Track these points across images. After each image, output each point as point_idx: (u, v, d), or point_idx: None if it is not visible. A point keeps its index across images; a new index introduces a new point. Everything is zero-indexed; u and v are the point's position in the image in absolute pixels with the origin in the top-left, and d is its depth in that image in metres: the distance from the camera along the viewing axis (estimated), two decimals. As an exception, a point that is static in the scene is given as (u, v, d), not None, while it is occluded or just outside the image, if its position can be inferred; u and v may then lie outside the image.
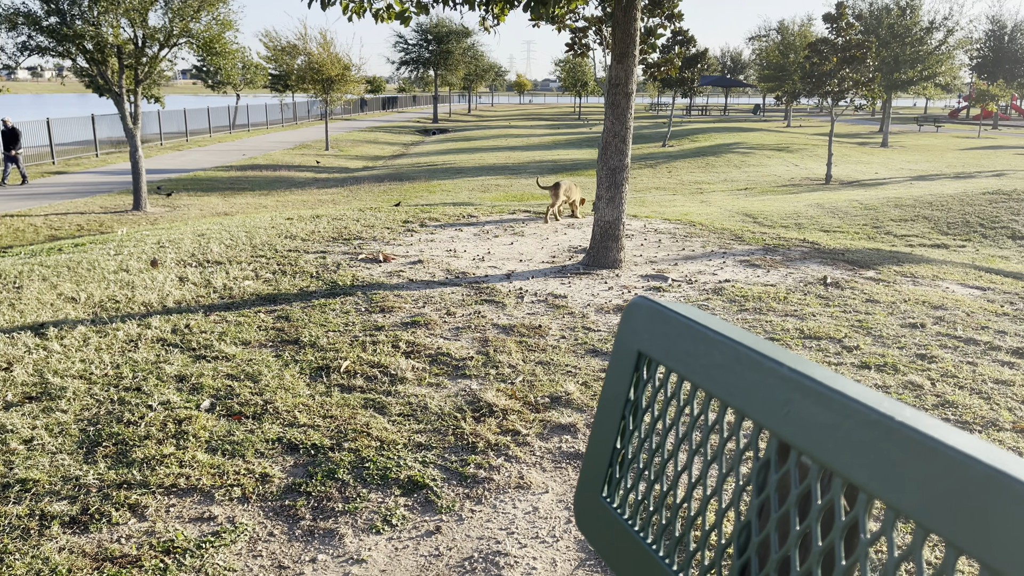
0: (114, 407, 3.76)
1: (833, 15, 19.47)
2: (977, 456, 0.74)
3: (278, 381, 4.13)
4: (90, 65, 14.73)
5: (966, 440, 0.77)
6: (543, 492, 3.14)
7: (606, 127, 6.74)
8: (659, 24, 11.16)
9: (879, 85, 28.37)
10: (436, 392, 4.06)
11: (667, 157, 25.90)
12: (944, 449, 0.76)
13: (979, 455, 0.74)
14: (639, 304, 1.29)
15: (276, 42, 29.88)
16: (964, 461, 0.74)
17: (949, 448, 0.76)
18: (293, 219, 9.31)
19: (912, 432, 0.80)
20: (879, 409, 0.84)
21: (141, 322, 5.08)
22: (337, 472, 3.20)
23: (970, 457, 0.74)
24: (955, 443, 0.76)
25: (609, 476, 1.29)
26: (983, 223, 12.21)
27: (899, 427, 0.81)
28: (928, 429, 0.79)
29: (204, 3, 15.03)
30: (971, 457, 0.74)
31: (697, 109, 63.39)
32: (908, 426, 0.81)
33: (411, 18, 6.46)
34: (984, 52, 42.84)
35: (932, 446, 0.77)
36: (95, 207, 15.97)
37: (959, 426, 3.76)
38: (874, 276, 6.88)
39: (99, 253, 7.25)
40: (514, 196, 16.22)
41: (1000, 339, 5.10)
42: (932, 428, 0.80)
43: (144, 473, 3.15)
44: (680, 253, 7.69)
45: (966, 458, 0.74)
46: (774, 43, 43.46)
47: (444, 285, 6.22)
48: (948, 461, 0.75)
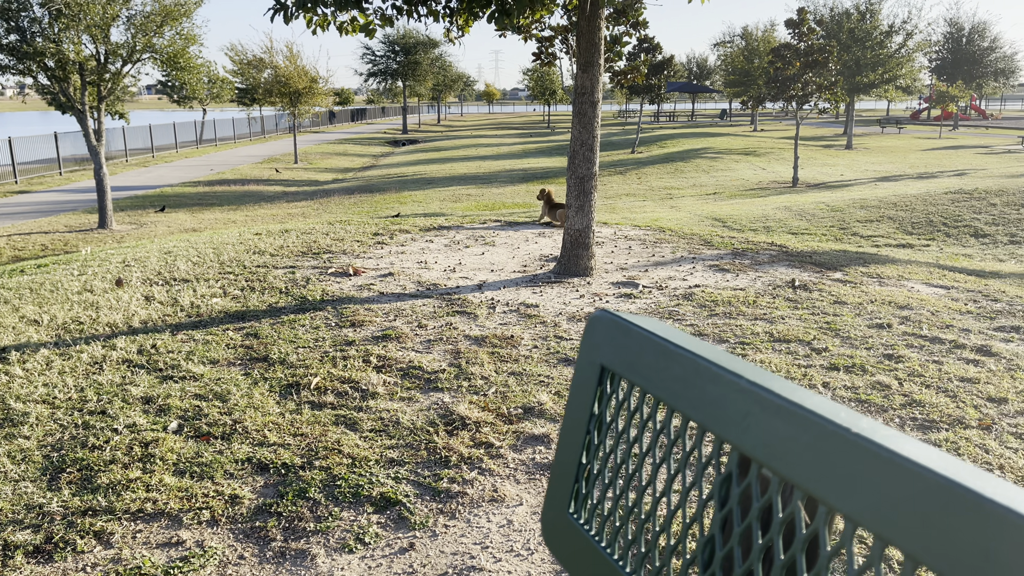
0: (78, 432, 3.69)
1: (795, 20, 19.77)
2: (932, 467, 0.74)
3: (247, 400, 4.07)
4: (52, 82, 14.51)
5: (922, 451, 0.78)
6: (517, 504, 3.12)
7: (573, 136, 6.77)
8: (624, 32, 11.23)
9: (841, 88, 28.81)
10: (408, 406, 4.04)
11: (637, 163, 26.07)
12: (900, 460, 0.76)
13: (934, 466, 0.74)
14: (601, 318, 1.29)
15: (242, 56, 29.68)
16: (920, 472, 0.74)
17: (904, 459, 0.76)
18: (262, 234, 9.22)
19: (868, 444, 0.80)
20: (836, 421, 0.84)
21: (106, 343, 4.99)
22: (308, 491, 3.16)
23: (925, 468, 0.74)
24: (911, 454, 0.76)
25: (575, 492, 1.29)
26: (946, 222, 12.43)
27: (855, 439, 0.81)
28: (884, 440, 0.79)
29: (167, 18, 14.89)
30: (926, 468, 0.74)
31: (665, 115, 63.95)
32: (864, 437, 0.81)
33: (375, 31, 6.45)
34: (943, 54, 43.75)
35: (888, 457, 0.77)
36: (59, 226, 15.71)
37: (926, 425, 3.81)
38: (841, 278, 6.97)
39: (62, 274, 7.13)
40: (485, 205, 16.23)
41: (964, 337, 5.18)
42: (888, 439, 0.80)
43: (110, 499, 3.09)
44: (650, 259, 7.73)
45: (922, 469, 0.74)
46: (739, 49, 44.03)
47: (415, 297, 6.19)
48: (904, 472, 0.76)
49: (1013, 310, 5.92)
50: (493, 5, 5.88)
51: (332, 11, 6.16)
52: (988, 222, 12.25)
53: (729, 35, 47.19)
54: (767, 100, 27.11)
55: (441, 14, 6.30)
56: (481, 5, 5.90)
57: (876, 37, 29.86)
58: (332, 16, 6.30)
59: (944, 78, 43.66)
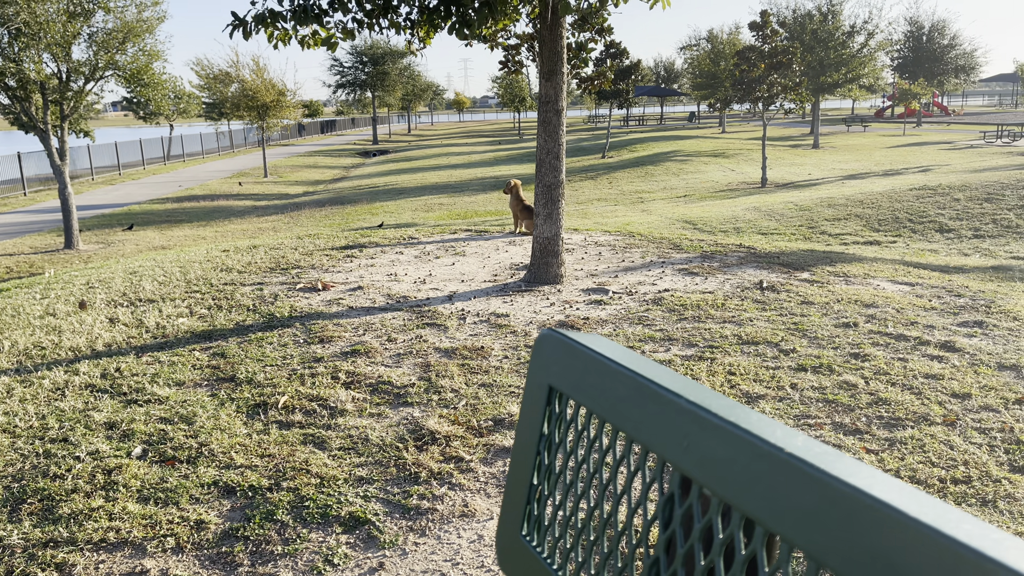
0: (39, 461, 3.61)
1: (758, 23, 20.00)
2: (861, 487, 0.74)
3: (213, 422, 4.02)
4: (13, 102, 14.29)
5: (853, 469, 0.78)
6: (488, 519, 3.11)
7: (539, 144, 6.78)
8: (589, 39, 11.30)
9: (806, 89, 29.18)
10: (377, 422, 4.00)
11: (607, 168, 26.20)
12: (829, 480, 0.76)
13: (863, 486, 0.74)
14: (548, 337, 1.28)
15: (208, 70, 29.46)
16: (849, 492, 0.74)
17: (834, 479, 0.76)
18: (229, 251, 9.13)
19: (800, 463, 0.80)
20: (770, 440, 0.84)
21: (68, 368, 4.91)
22: (276, 513, 3.12)
23: (855, 488, 0.74)
24: (840, 473, 0.76)
25: (528, 513, 1.28)
26: (912, 218, 12.62)
27: (787, 458, 0.81)
28: (815, 459, 0.79)
29: (129, 35, 14.72)
30: (855, 488, 0.74)
31: (634, 119, 64.36)
32: (797, 457, 0.80)
33: (337, 44, 6.42)
34: (904, 52, 44.50)
35: (818, 477, 0.77)
36: (24, 248, 15.45)
37: (892, 423, 3.85)
38: (808, 278, 7.04)
39: (24, 298, 7.00)
40: (457, 214, 16.21)
41: (929, 333, 5.25)
42: (819, 458, 0.80)
43: (71, 529, 3.02)
44: (620, 265, 7.76)
45: (851, 489, 0.74)
46: (705, 52, 44.44)
47: (385, 311, 6.16)
48: (834, 492, 0.75)
49: (976, 305, 6.01)
50: (454, 17, 5.88)
51: (292, 25, 6.13)
52: (952, 217, 12.45)
53: (695, 38, 47.70)
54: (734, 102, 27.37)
55: (402, 26, 6.29)
56: (442, 17, 5.90)
57: (838, 38, 30.29)
58: (293, 30, 6.26)
59: (906, 76, 44.40)
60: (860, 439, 3.68)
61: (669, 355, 4.93)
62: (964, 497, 3.15)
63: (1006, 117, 46.07)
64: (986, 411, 3.97)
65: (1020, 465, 3.40)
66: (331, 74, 51.26)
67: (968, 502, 3.11)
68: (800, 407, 4.05)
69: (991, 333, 5.26)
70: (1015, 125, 31.04)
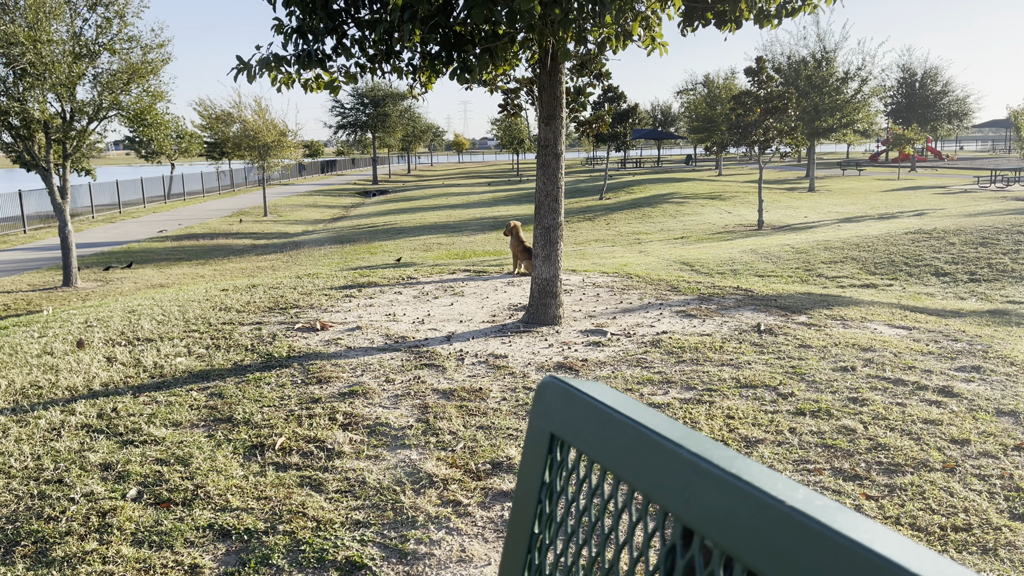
0: (34, 502, 3.58)
1: (754, 69, 20.32)
2: (862, 541, 0.74)
3: (210, 463, 3.99)
4: (16, 140, 14.42)
5: (854, 523, 0.78)
6: (485, 564, 3.08)
7: (538, 187, 6.85)
8: (588, 83, 11.48)
9: (801, 133, 29.54)
10: (375, 465, 3.98)
11: (605, 209, 26.38)
12: (830, 533, 0.77)
13: (864, 540, 0.74)
14: (549, 384, 1.29)
15: (211, 110, 29.78)
16: (850, 546, 0.75)
17: (835, 533, 0.76)
18: (228, 290, 9.15)
19: (801, 516, 0.80)
20: (771, 493, 0.85)
21: (65, 408, 4.89)
22: (271, 557, 3.09)
23: (856, 543, 0.74)
24: (841, 527, 0.77)
25: (528, 563, 1.27)
26: (908, 261, 12.68)
27: (788, 511, 0.82)
28: (816, 512, 0.80)
29: (134, 76, 14.91)
30: (856, 543, 0.74)
31: (632, 161, 64.98)
32: (798, 510, 0.81)
33: (340, 87, 6.51)
34: (897, 98, 45.12)
35: (819, 530, 0.78)
36: (23, 285, 15.46)
37: (892, 469, 3.84)
38: (806, 321, 7.06)
39: (22, 336, 6.99)
40: (456, 254, 16.27)
41: (926, 378, 5.25)
42: (820, 511, 0.80)
43: (65, 573, 2.99)
44: (618, 306, 7.78)
45: (852, 543, 0.75)
46: (701, 96, 45.06)
47: (383, 351, 6.16)
48: (835, 546, 0.76)
49: (973, 350, 6.02)
50: (455, 62, 5.98)
51: (296, 69, 6.22)
52: (948, 261, 12.52)
53: (691, 83, 48.35)
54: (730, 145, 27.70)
55: (404, 71, 6.39)
56: (443, 62, 6.00)
57: (833, 83, 30.77)
58: (297, 74, 6.36)
59: (900, 121, 44.98)
60: (860, 485, 3.67)
61: (667, 398, 4.92)
62: (965, 545, 3.12)
63: (999, 162, 46.58)
64: (985, 457, 3.96)
65: (1020, 513, 3.39)
66: (332, 115, 51.81)
67: (969, 550, 3.09)
68: (799, 452, 4.04)
69: (988, 378, 5.26)
70: (1009, 170, 31.38)
